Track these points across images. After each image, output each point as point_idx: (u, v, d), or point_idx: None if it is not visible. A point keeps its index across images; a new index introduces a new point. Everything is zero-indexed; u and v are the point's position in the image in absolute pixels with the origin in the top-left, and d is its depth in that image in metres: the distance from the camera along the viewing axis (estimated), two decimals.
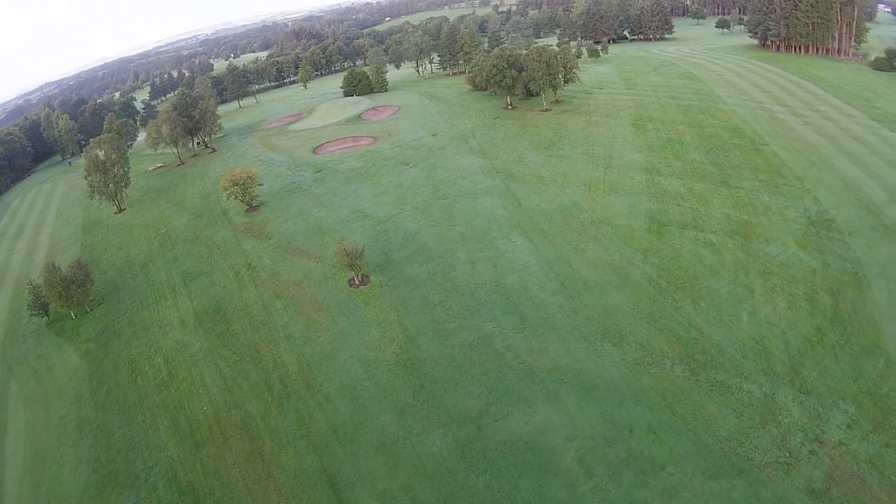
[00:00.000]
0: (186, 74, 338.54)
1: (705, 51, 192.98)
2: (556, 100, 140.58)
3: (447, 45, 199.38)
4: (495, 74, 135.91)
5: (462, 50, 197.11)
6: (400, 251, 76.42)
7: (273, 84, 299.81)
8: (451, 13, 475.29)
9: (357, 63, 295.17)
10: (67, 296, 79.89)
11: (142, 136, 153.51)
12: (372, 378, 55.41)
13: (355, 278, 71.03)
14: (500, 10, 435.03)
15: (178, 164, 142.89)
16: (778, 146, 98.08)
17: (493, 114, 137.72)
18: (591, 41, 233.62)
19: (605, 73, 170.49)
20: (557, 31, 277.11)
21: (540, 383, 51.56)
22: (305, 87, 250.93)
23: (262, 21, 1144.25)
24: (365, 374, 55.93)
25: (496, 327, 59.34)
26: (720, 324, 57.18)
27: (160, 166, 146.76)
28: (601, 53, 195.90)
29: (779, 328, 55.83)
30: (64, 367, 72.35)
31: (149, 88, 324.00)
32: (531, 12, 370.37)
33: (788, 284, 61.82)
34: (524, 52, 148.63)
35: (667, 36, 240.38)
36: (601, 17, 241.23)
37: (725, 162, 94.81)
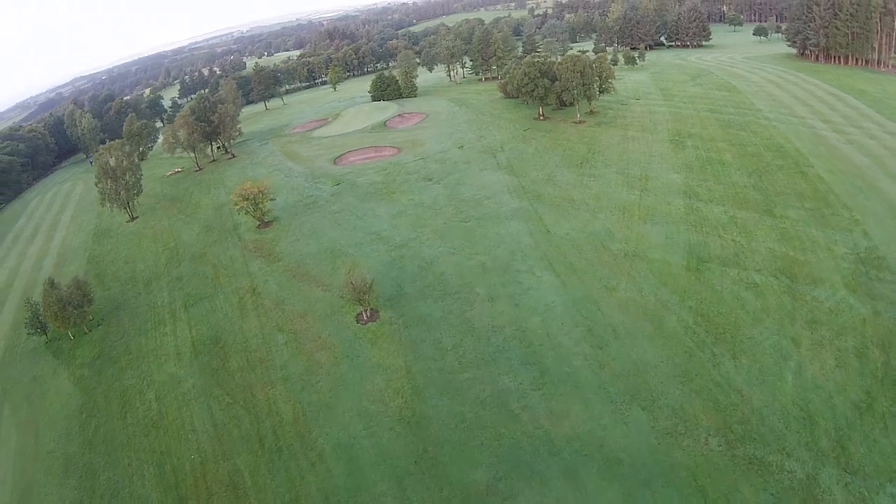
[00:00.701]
0: (217, 73, 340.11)
1: (744, 59, 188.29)
2: (591, 111, 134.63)
3: (479, 50, 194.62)
4: (527, 84, 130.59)
5: (495, 55, 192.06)
6: (414, 282, 71.95)
7: (304, 84, 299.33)
8: (487, 15, 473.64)
9: (390, 65, 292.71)
10: (64, 317, 77.85)
11: (163, 138, 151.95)
12: (372, 436, 50.99)
13: (363, 313, 66.82)
14: (535, 13, 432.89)
15: (196, 170, 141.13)
16: (822, 168, 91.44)
17: (524, 125, 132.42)
18: (628, 47, 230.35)
19: (642, 81, 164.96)
20: (594, 35, 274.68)
21: (557, 455, 46.45)
22: (335, 89, 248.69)
23: (297, 19, 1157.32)
24: (364, 432, 51.54)
25: (513, 381, 54.37)
26: (762, 385, 51.33)
27: (178, 171, 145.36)
28: (638, 61, 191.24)
29: (826, 391, 49.88)
30: (57, 394, 70.00)
31: (178, 86, 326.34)
32: (567, 16, 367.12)
33: (837, 337, 55.70)
34: (558, 59, 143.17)
35: (704, 43, 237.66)
36: (638, 23, 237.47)
37: (769, 186, 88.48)
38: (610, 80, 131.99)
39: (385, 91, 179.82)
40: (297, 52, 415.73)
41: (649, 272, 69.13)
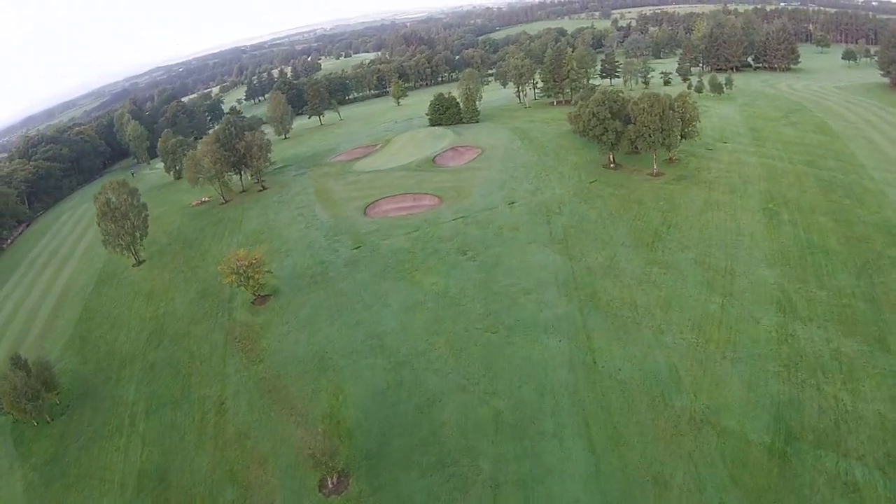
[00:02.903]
0: (289, 74, 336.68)
1: (836, 90, 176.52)
2: (671, 158, 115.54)
3: (551, 70, 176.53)
4: (595, 126, 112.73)
5: (568, 77, 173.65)
6: (404, 435, 57.48)
7: (373, 93, 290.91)
8: (570, 24, 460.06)
9: (471, 70, 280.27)
10: (18, 408, 71.40)
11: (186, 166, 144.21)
12: None
13: (329, 480, 52.98)
14: (619, 24, 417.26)
15: (222, 203, 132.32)
16: None
17: (591, 174, 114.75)
18: (714, 68, 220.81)
19: (730, 117, 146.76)
20: (678, 52, 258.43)
21: None
22: (398, 103, 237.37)
23: (381, 19, 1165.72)
24: None
25: None
26: None
27: (205, 200, 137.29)
28: (725, 89, 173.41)
29: None
30: (9, 499, 63.40)
31: (246, 88, 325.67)
32: (651, 29, 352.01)
33: None
34: (636, 83, 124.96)
35: (792, 66, 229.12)
36: (724, 42, 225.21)
37: (882, 295, 69.36)
38: (694, 124, 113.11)
39: (444, 114, 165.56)
40: (376, 55, 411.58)
41: (718, 456, 51.55)
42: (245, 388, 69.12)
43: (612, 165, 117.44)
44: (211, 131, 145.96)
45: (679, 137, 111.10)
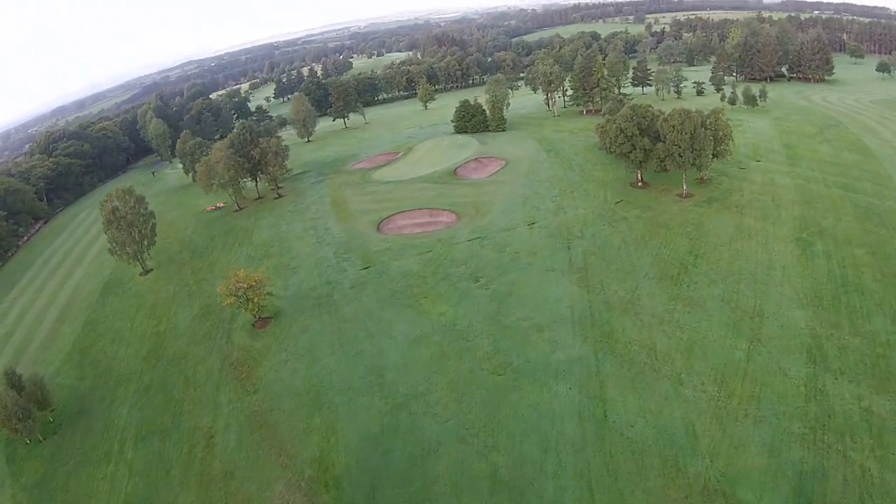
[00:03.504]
0: (319, 72, 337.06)
1: (871, 104, 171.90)
2: (701, 178, 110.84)
3: (581, 78, 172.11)
4: (622, 143, 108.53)
5: (598, 85, 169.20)
6: (394, 488, 54.92)
7: (402, 94, 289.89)
8: (604, 28, 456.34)
9: (499, 76, 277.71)
10: (9, 426, 71.14)
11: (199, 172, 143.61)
12: None
13: None
14: (652, 29, 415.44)
15: (236, 210, 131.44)
16: None
17: (617, 193, 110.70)
18: (747, 78, 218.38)
19: (764, 132, 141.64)
20: (711, 58, 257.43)
21: None
22: (426, 107, 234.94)
23: (415, 18, 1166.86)
24: None
25: None
26: None
27: (220, 206, 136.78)
28: (759, 101, 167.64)
29: None
30: None
31: (275, 85, 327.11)
32: (685, 35, 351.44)
33: None
34: (664, 103, 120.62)
35: (826, 77, 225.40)
36: (758, 51, 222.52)
37: None
38: (727, 142, 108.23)
39: (469, 122, 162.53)
40: (408, 55, 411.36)
41: None
42: (236, 421, 67.37)
43: (639, 184, 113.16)
44: (229, 134, 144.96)
45: (711, 157, 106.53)
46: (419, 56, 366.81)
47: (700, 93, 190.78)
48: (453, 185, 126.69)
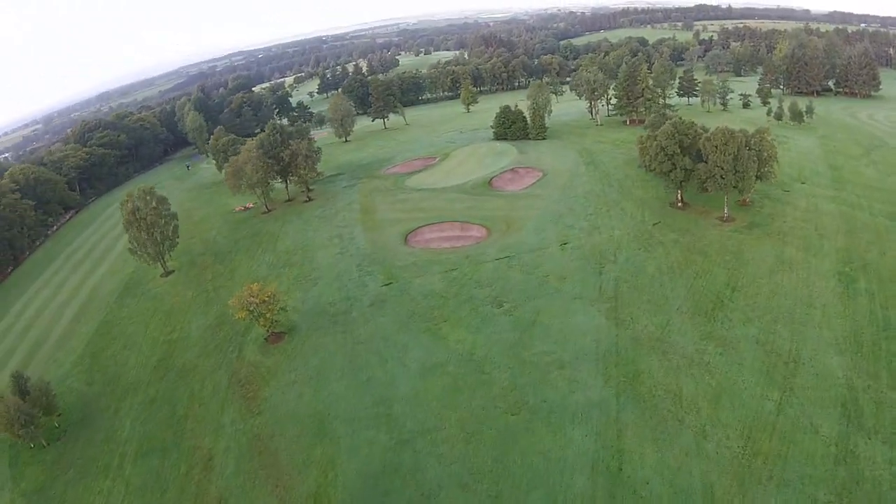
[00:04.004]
0: (364, 69, 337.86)
1: None
2: (743, 201, 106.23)
3: (625, 87, 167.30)
4: (663, 161, 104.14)
5: (642, 95, 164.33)
6: None
7: (446, 94, 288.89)
8: (652, 34, 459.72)
9: (545, 80, 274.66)
10: (12, 432, 71.70)
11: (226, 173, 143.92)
12: None
13: None
14: (700, 37, 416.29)
15: (264, 212, 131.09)
16: None
17: (655, 213, 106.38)
18: (794, 91, 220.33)
19: (810, 151, 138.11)
20: (759, 69, 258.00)
21: None
22: (468, 110, 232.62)
23: (465, 17, 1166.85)
24: None
25: None
26: None
27: (248, 207, 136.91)
28: (806, 117, 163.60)
29: None
30: None
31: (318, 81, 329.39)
32: (733, 45, 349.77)
33: None
34: (709, 115, 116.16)
35: (873, 93, 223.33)
36: (806, 64, 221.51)
37: None
38: (771, 164, 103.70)
39: (509, 129, 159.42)
40: (454, 54, 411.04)
41: None
42: (237, 444, 66.00)
43: (679, 204, 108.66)
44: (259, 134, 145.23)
45: (754, 179, 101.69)
46: (466, 56, 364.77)
47: (746, 105, 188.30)
48: (487, 197, 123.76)
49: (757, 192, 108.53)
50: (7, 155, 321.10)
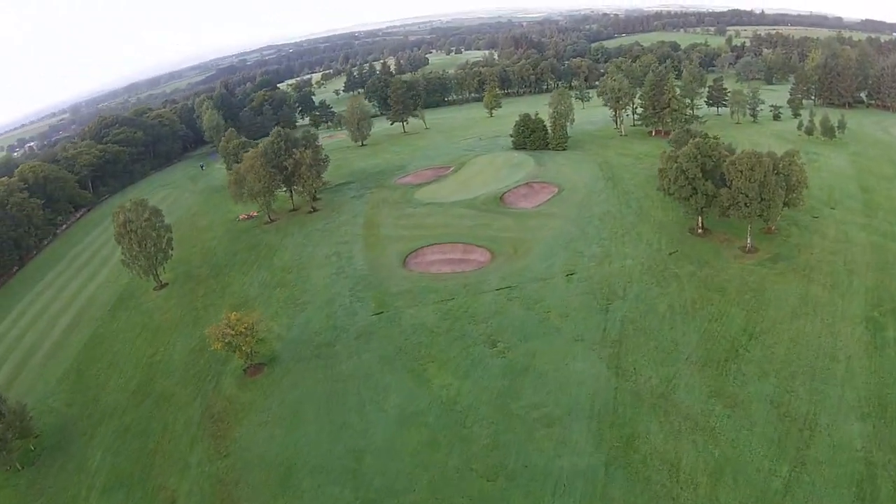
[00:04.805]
0: (392, 67, 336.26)
1: None
2: (769, 229, 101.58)
3: (651, 97, 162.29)
4: (683, 185, 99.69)
5: (668, 106, 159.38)
6: None
7: (473, 96, 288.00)
8: (684, 39, 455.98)
9: (573, 83, 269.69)
10: None
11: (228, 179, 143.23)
12: None
13: None
14: (733, 42, 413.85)
15: (267, 222, 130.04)
16: None
17: (673, 241, 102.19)
18: (826, 102, 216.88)
19: (841, 171, 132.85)
20: (791, 77, 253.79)
21: None
22: (491, 114, 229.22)
23: (498, 17, 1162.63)
24: None
25: None
26: None
27: (252, 216, 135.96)
28: (837, 133, 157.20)
29: None
30: None
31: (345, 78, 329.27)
32: (765, 52, 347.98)
33: None
34: (732, 147, 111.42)
35: None
36: (838, 74, 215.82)
37: None
38: (801, 190, 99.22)
39: (528, 138, 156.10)
40: (484, 54, 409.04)
41: None
42: (199, 489, 64.61)
43: (699, 231, 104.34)
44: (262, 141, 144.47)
45: (780, 207, 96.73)
46: (496, 56, 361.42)
47: (777, 117, 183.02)
48: (497, 214, 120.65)
49: (784, 217, 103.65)
50: (33, 143, 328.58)
